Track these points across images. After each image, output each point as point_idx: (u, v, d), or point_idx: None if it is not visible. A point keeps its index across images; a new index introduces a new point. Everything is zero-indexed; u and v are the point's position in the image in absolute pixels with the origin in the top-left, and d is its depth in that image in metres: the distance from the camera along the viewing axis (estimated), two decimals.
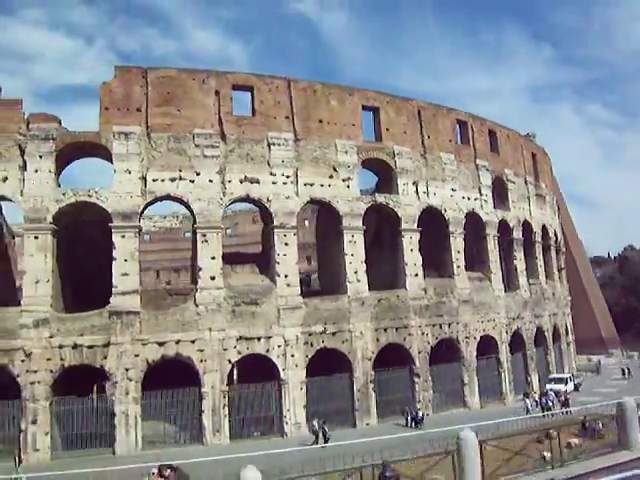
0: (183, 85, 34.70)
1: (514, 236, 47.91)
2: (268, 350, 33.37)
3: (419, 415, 33.56)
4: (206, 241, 33.51)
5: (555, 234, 58.31)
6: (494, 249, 45.04)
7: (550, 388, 41.37)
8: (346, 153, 37.89)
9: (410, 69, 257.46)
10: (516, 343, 45.52)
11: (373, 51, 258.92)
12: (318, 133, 37.39)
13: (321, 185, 36.71)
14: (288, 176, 35.81)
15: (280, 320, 33.88)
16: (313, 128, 37.29)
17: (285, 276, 34.63)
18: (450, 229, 41.83)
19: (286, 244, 35.09)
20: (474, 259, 44.33)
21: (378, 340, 36.65)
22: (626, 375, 54.02)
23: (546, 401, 36.08)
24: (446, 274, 41.82)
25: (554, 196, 62.59)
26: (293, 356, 33.69)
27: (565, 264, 63.63)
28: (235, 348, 32.70)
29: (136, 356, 30.93)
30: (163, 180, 33.32)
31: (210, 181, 34.04)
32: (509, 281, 47.03)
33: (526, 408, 35.53)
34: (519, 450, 15.67)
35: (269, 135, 35.76)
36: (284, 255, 34.88)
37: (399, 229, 39.21)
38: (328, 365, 34.62)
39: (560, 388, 41.87)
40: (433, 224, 40.87)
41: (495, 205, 46.31)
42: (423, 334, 38.46)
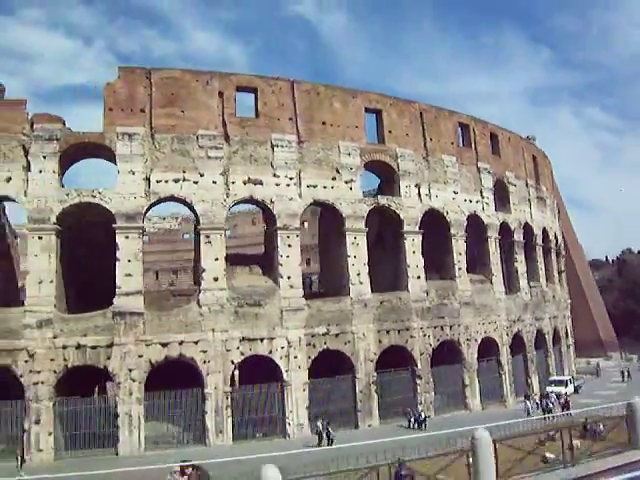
0: (187, 86, 34.76)
1: (515, 238, 48.12)
2: (271, 351, 33.43)
3: (422, 416, 33.65)
4: (209, 242, 33.55)
5: (555, 237, 58.53)
6: (495, 251, 45.21)
7: (551, 390, 41.54)
8: (349, 155, 38.00)
9: (409, 71, 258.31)
10: (517, 345, 45.71)
11: (372, 53, 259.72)
12: (321, 135, 37.48)
13: (324, 187, 36.80)
14: (291, 178, 35.90)
15: (283, 321, 33.94)
16: (316, 130, 37.39)
17: (288, 277, 34.70)
18: (452, 231, 41.96)
19: (289, 245, 35.17)
20: (475, 261, 44.49)
21: (380, 342, 36.74)
22: (625, 378, 54.18)
23: (547, 403, 36.16)
24: (448, 276, 41.95)
25: (554, 199, 62.83)
26: (296, 357, 33.75)
27: (565, 267, 63.85)
28: (238, 349, 32.74)
29: (139, 357, 30.96)
30: (167, 181, 33.37)
31: (214, 182, 34.10)
32: (510, 283, 47.22)
33: (527, 410, 35.63)
34: (531, 450, 15.81)
35: (272, 137, 35.83)
36: (287, 257, 34.96)
37: (401, 231, 39.33)
38: (331, 366, 34.71)
39: (560, 390, 42.03)
40: (435, 226, 40.97)
41: (496, 208, 46.51)
42: (425, 336, 38.58)
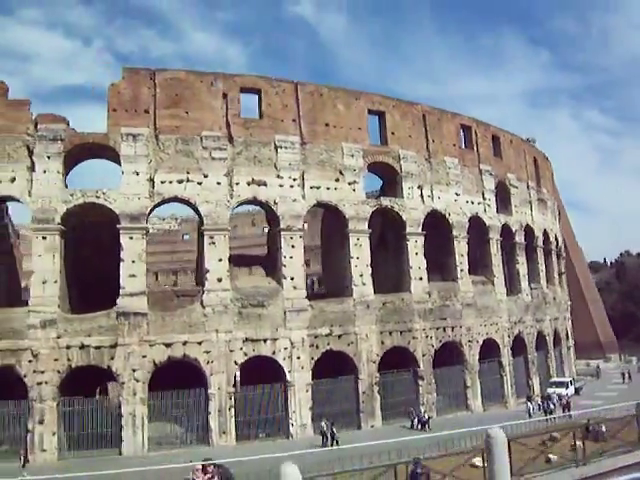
0: (191, 87, 34.84)
1: (516, 240, 48.28)
2: (274, 352, 33.50)
3: (425, 417, 33.73)
4: (213, 243, 33.62)
5: (556, 239, 58.70)
6: (497, 253, 45.38)
7: (552, 392, 41.65)
8: (352, 156, 38.11)
9: (408, 73, 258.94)
10: (518, 347, 45.83)
11: (372, 54, 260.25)
12: (324, 136, 37.59)
13: (327, 188, 36.91)
14: (295, 179, 35.99)
15: (286, 322, 34.02)
16: (319, 131, 37.50)
17: (291, 278, 34.78)
18: (454, 233, 42.10)
19: (292, 247, 35.24)
20: (477, 263, 44.62)
21: (383, 343, 36.83)
22: (626, 379, 54.33)
23: (548, 404, 36.31)
24: (450, 278, 42.07)
25: (555, 201, 63.05)
26: (299, 358, 33.83)
27: (565, 269, 64.05)
28: (241, 350, 32.80)
29: (143, 357, 30.99)
30: (171, 182, 33.43)
31: (218, 183, 34.17)
32: (511, 285, 47.40)
33: (529, 411, 35.73)
34: (540, 450, 15.93)
35: (276, 138, 35.93)
36: (290, 258, 35.03)
37: (404, 233, 39.44)
38: (333, 367, 34.77)
39: (562, 392, 42.13)
40: (437, 228, 41.10)
41: (498, 209, 46.71)
42: (427, 337, 38.68)
